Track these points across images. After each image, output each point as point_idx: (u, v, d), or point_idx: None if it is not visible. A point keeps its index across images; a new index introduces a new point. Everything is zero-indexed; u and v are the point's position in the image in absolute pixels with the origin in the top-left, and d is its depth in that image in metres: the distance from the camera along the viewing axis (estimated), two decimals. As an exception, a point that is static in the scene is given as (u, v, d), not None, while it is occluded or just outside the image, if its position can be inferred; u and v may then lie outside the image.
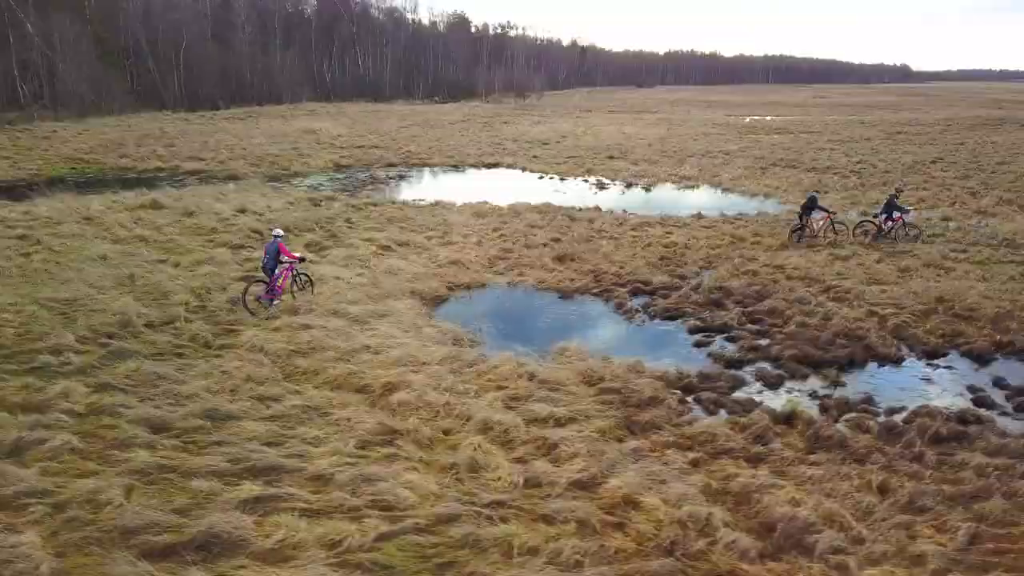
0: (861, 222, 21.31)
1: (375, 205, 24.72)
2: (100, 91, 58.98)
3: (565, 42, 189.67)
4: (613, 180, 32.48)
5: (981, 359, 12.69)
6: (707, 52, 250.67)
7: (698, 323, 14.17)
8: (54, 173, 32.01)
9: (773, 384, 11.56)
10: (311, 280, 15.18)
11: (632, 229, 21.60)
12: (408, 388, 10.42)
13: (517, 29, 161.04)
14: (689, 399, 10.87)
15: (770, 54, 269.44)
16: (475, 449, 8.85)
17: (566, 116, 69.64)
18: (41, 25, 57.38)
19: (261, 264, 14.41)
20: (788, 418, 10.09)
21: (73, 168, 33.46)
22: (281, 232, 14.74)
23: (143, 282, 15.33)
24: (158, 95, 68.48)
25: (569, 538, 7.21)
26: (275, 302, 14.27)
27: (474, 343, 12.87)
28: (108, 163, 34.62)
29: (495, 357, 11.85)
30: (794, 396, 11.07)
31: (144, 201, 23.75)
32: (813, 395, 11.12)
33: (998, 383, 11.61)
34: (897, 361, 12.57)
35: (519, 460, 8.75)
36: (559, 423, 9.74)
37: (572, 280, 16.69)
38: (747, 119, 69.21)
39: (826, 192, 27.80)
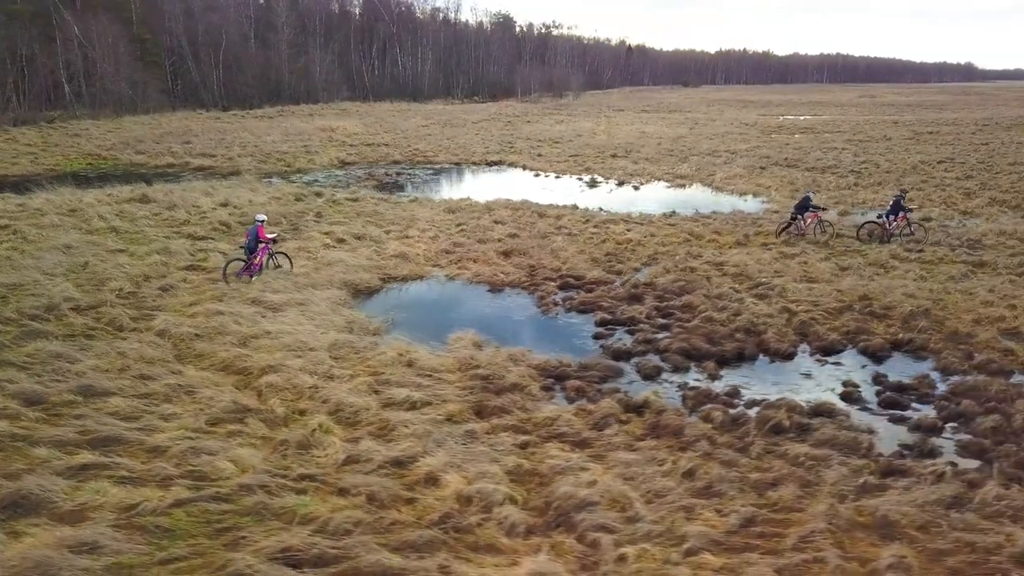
0: (865, 223, 21.09)
1: (355, 200, 25.40)
2: (137, 91, 61.17)
3: (613, 41, 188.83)
4: (607, 178, 32.64)
5: (875, 356, 12.68)
6: (759, 51, 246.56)
7: (607, 316, 14.40)
8: (70, 168, 33.57)
9: (650, 376, 11.76)
10: (289, 259, 16.73)
11: (594, 226, 21.82)
12: (283, 371, 10.95)
13: (562, 28, 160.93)
14: (557, 387, 11.16)
15: (826, 52, 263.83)
16: (315, 429, 9.31)
17: (593, 116, 69.68)
18: (84, 27, 59.63)
19: (243, 245, 16.11)
20: (639, 407, 10.32)
21: (90, 164, 35.01)
22: (263, 217, 16.64)
23: (92, 269, 16.19)
24: (198, 94, 70.73)
25: (353, 510, 7.63)
26: (253, 277, 15.78)
27: (377, 332, 13.34)
28: (123, 159, 36.12)
29: (385, 345, 12.32)
30: (663, 387, 11.28)
31: (134, 195, 24.85)
32: (682, 387, 11.30)
33: (877, 379, 11.63)
34: (788, 356, 12.65)
35: (353, 440, 9.18)
36: (412, 407, 10.15)
37: (507, 274, 17.05)
38: (779, 119, 68.32)
39: (817, 191, 27.57)
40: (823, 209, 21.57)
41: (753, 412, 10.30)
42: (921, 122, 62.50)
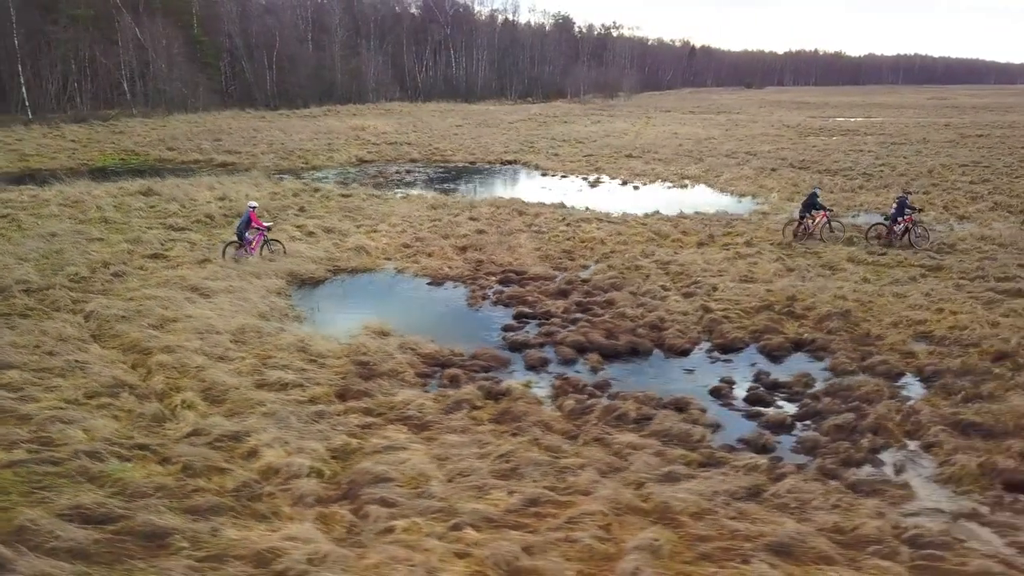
0: (874, 224, 20.88)
1: (347, 196, 26.20)
2: (189, 90, 63.73)
3: (677, 42, 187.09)
4: (612, 178, 32.76)
5: (773, 355, 12.69)
6: (830, 51, 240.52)
7: (526, 310, 14.71)
8: (102, 163, 35.38)
9: (534, 367, 12.06)
10: (283, 245, 18.09)
11: (566, 225, 22.06)
12: (178, 352, 11.63)
13: (623, 29, 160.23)
14: (436, 375, 11.57)
15: (903, 53, 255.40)
16: (178, 404, 9.96)
17: (634, 117, 69.37)
18: (142, 29, 62.43)
19: (236, 229, 17.58)
20: (501, 395, 10.66)
21: (121, 159, 36.81)
22: (254, 204, 18.07)
23: (63, 256, 17.27)
24: (251, 94, 73.19)
25: (164, 477, 8.21)
26: (248, 256, 17.32)
27: (296, 319, 13.98)
28: (153, 155, 37.85)
29: (291, 332, 12.91)
30: (542, 378, 11.58)
31: (140, 188, 26.15)
32: (560, 377, 11.56)
33: (758, 377, 11.69)
34: (684, 353, 12.77)
35: (207, 415, 9.78)
36: (282, 388, 10.69)
37: (453, 268, 17.49)
38: (827, 121, 66.76)
39: (831, 192, 27.58)
40: (830, 210, 21.31)
41: (610, 403, 10.50)
42: (975, 124, 60.33)
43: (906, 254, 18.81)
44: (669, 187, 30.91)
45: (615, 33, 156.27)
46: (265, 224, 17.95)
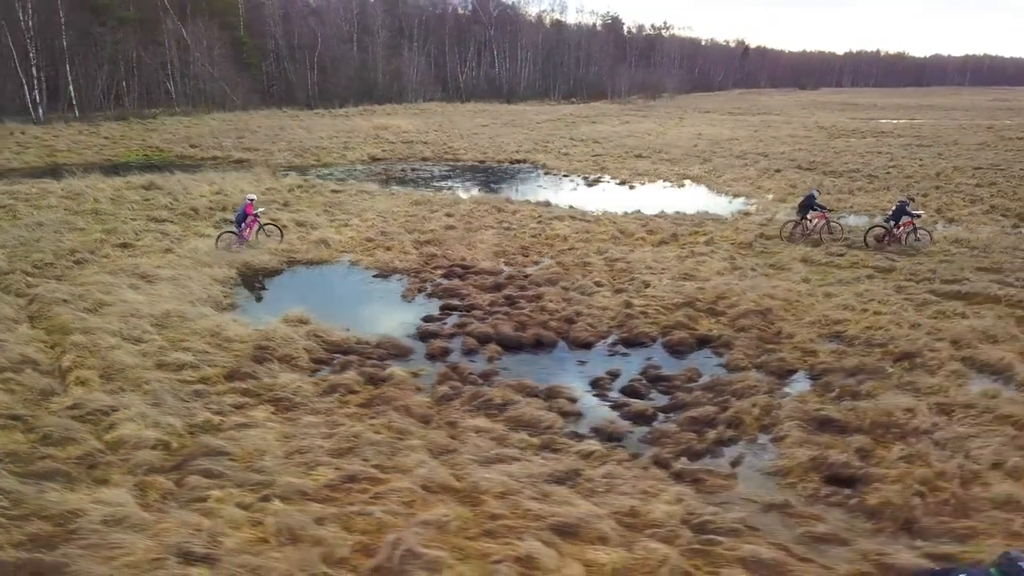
0: (872, 227, 20.70)
1: (336, 192, 26.87)
2: (231, 89, 65.69)
3: (732, 42, 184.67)
4: (613, 178, 32.82)
5: (676, 350, 12.81)
6: (893, 52, 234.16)
7: (453, 302, 15.05)
8: (125, 159, 36.87)
9: (434, 356, 12.41)
10: (279, 230, 19.49)
11: (537, 222, 22.31)
12: (96, 334, 12.31)
13: (674, 29, 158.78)
14: (332, 362, 12.01)
15: (971, 53, 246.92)
16: (72, 381, 10.61)
17: (666, 118, 68.91)
18: (185, 31, 64.60)
19: (235, 218, 19.08)
20: (381, 381, 11.05)
21: (145, 155, 38.29)
22: (252, 196, 19.32)
23: (38, 244, 18.25)
24: (292, 94, 75.03)
25: (20, 444, 8.82)
26: (242, 244, 18.59)
27: (229, 307, 14.61)
28: (175, 152, 39.26)
29: (212, 318, 13.50)
30: (436, 366, 11.92)
31: (144, 183, 27.22)
32: (450, 365, 11.88)
33: (645, 371, 11.84)
34: (587, 346, 12.96)
35: (92, 391, 10.39)
36: (178, 369, 11.26)
37: (405, 262, 17.92)
38: (868, 123, 65.20)
39: (828, 194, 27.35)
40: (828, 211, 21.24)
41: (485, 389, 10.80)
42: (1021, 127, 58.28)
43: (864, 255, 18.61)
44: (666, 187, 30.85)
45: (665, 33, 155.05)
46: (255, 213, 19.05)
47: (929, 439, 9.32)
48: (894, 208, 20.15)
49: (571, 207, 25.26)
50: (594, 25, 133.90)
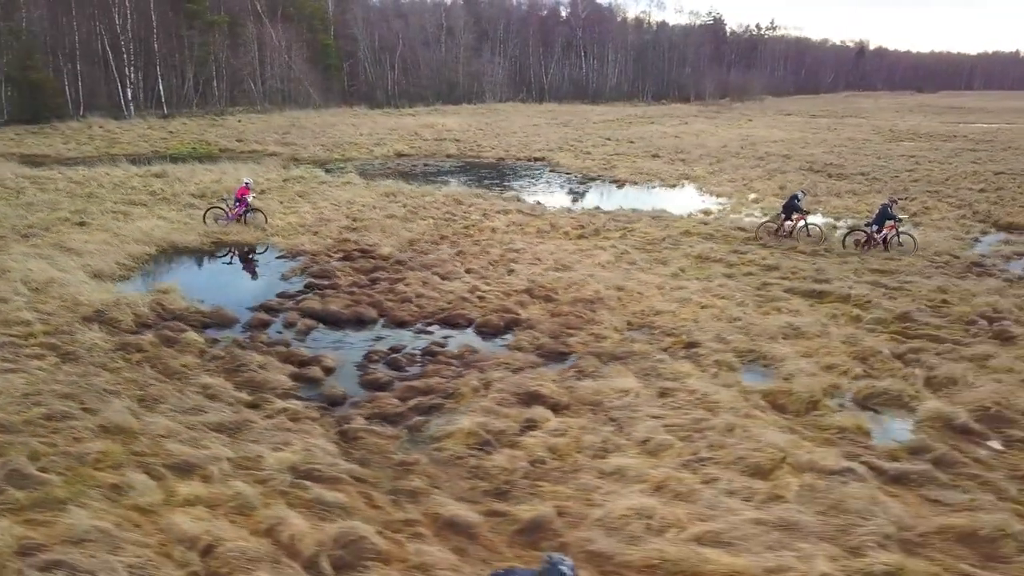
0: (852, 230, 20.50)
1: (323, 183, 28.48)
2: (303, 89, 69.34)
3: (850, 43, 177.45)
4: (611, 177, 33.15)
5: (483, 332, 13.44)
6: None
7: (320, 282, 16.13)
8: (173, 151, 39.85)
9: (254, 326, 13.54)
10: (264, 215, 21.16)
11: (482, 214, 23.05)
12: (-25, 293, 14.13)
13: (783, 29, 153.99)
14: (158, 326, 13.32)
15: None
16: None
17: (731, 120, 67.50)
18: (275, 32, 68.69)
19: (226, 199, 21.86)
20: (174, 342, 12.28)
21: (193, 148, 41.19)
22: (248, 180, 21.59)
23: (4, 220, 20.51)
24: (372, 94, 78.24)
25: None
26: (228, 222, 20.67)
27: (122, 279, 16.23)
28: (220, 145, 42.11)
29: (85, 286, 15.04)
30: (249, 334, 13.06)
31: (157, 172, 29.70)
32: (251, 334, 12.97)
33: (429, 348, 12.52)
34: (403, 324, 13.74)
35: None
36: (9, 324, 12.82)
37: (316, 245, 19.11)
38: (956, 127, 61.76)
39: (816, 196, 27.05)
40: (807, 213, 21.06)
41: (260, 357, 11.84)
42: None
43: (765, 253, 18.48)
44: (655, 187, 30.91)
45: (771, 33, 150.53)
46: (246, 197, 21.08)
47: (606, 414, 9.72)
48: (877, 211, 19.75)
49: (538, 202, 25.91)
50: (692, 25, 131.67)
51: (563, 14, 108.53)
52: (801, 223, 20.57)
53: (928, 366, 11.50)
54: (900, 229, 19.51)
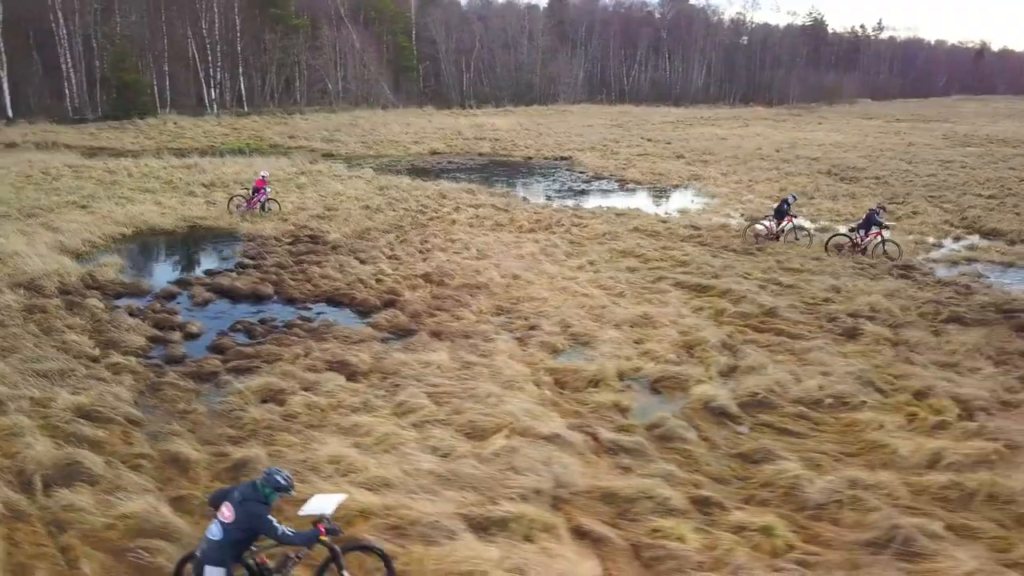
0: (834, 235, 20.37)
1: (334, 177, 30.11)
2: (388, 90, 72.35)
3: (970, 43, 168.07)
4: (619, 177, 33.53)
5: (361, 310, 14.50)
6: None
7: (245, 261, 17.59)
8: (225, 146, 42.67)
9: (163, 297, 15.06)
10: (279, 205, 23.03)
11: (455, 209, 23.95)
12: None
13: (893, 31, 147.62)
14: (79, 291, 15.01)
15: None
16: None
17: (795, 124, 65.74)
18: (354, 34, 71.89)
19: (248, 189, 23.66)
20: (78, 306, 13.91)
21: (246, 144, 43.91)
22: (265, 173, 23.93)
23: (22, 201, 22.99)
24: (446, 95, 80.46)
25: None
26: (248, 210, 22.39)
27: (84, 255, 18.09)
28: (271, 142, 44.62)
29: (42, 259, 16.90)
30: (152, 304, 14.60)
31: (190, 164, 32.14)
32: (155, 304, 14.48)
33: (291, 321, 13.68)
34: (293, 301, 14.96)
35: None
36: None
37: (276, 230, 20.55)
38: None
39: (810, 198, 26.99)
40: (794, 216, 21.15)
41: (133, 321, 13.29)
42: None
43: (692, 249, 18.84)
44: (656, 186, 31.17)
45: (879, 35, 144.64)
46: (267, 188, 23.08)
47: (391, 381, 10.64)
48: (864, 217, 19.63)
49: (524, 198, 26.82)
50: (790, 25, 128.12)
51: (650, 14, 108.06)
52: (789, 226, 20.52)
53: (741, 356, 11.80)
54: (885, 236, 19.13)
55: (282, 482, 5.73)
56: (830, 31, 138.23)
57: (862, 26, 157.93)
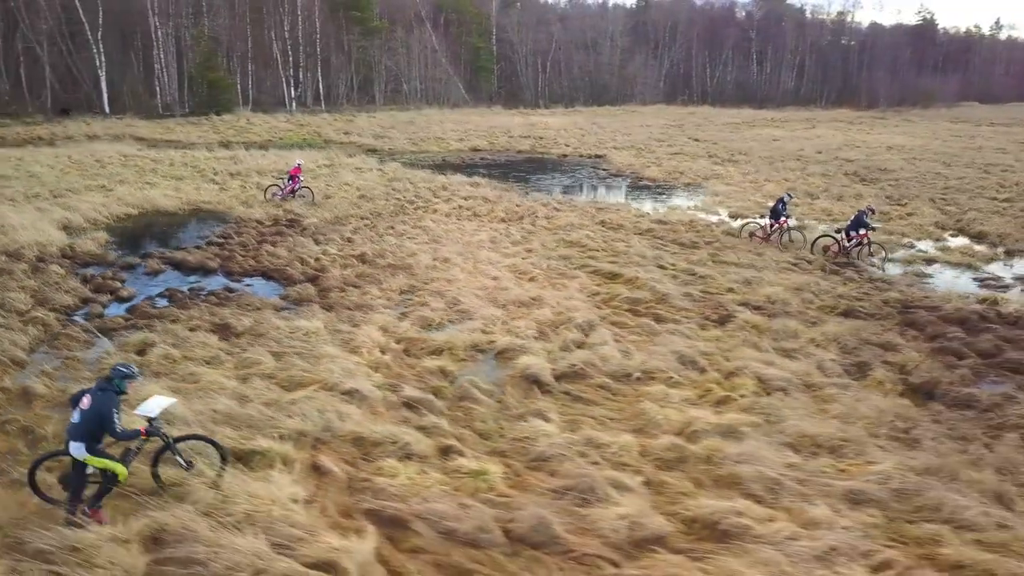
0: (820, 236, 20.13)
1: (356, 169, 31.75)
2: (463, 89, 74.48)
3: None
4: (639, 175, 33.86)
5: (288, 282, 15.76)
6: None
7: (214, 240, 19.16)
8: (282, 140, 45.18)
9: (122, 268, 16.75)
10: (312, 192, 24.35)
11: (446, 201, 25.05)
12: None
13: (1010, 29, 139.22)
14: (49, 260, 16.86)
15: None
16: None
17: (869, 127, 63.47)
18: (435, 36, 74.37)
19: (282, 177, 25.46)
20: (40, 271, 15.73)
21: (303, 139, 46.31)
22: (300, 161, 25.48)
23: (59, 181, 25.46)
24: (520, 95, 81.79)
25: None
26: (284, 197, 23.93)
27: (84, 230, 20.08)
28: (327, 137, 46.77)
29: (43, 233, 18.98)
30: (108, 272, 16.31)
31: (232, 155, 34.46)
32: (108, 273, 16.18)
33: (217, 290, 15.08)
34: (232, 274, 16.40)
35: None
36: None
37: (264, 214, 22.15)
38: None
39: (815, 198, 27.03)
40: (787, 217, 20.96)
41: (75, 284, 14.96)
42: None
43: (636, 242, 19.24)
44: (668, 185, 31.35)
45: (996, 34, 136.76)
46: (298, 175, 24.61)
47: (256, 342, 11.80)
48: (852, 217, 19.35)
49: (527, 193, 27.62)
50: (897, 25, 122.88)
51: (737, 14, 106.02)
52: (784, 226, 20.49)
53: (592, 335, 12.39)
54: (871, 239, 18.81)
55: (126, 371, 7.25)
56: (940, 30, 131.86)
57: (976, 26, 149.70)
